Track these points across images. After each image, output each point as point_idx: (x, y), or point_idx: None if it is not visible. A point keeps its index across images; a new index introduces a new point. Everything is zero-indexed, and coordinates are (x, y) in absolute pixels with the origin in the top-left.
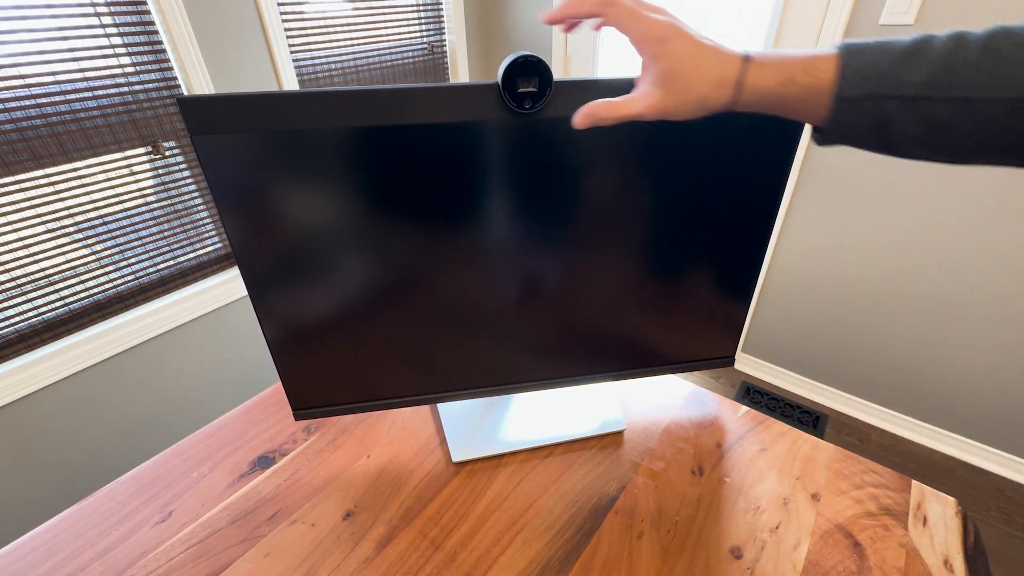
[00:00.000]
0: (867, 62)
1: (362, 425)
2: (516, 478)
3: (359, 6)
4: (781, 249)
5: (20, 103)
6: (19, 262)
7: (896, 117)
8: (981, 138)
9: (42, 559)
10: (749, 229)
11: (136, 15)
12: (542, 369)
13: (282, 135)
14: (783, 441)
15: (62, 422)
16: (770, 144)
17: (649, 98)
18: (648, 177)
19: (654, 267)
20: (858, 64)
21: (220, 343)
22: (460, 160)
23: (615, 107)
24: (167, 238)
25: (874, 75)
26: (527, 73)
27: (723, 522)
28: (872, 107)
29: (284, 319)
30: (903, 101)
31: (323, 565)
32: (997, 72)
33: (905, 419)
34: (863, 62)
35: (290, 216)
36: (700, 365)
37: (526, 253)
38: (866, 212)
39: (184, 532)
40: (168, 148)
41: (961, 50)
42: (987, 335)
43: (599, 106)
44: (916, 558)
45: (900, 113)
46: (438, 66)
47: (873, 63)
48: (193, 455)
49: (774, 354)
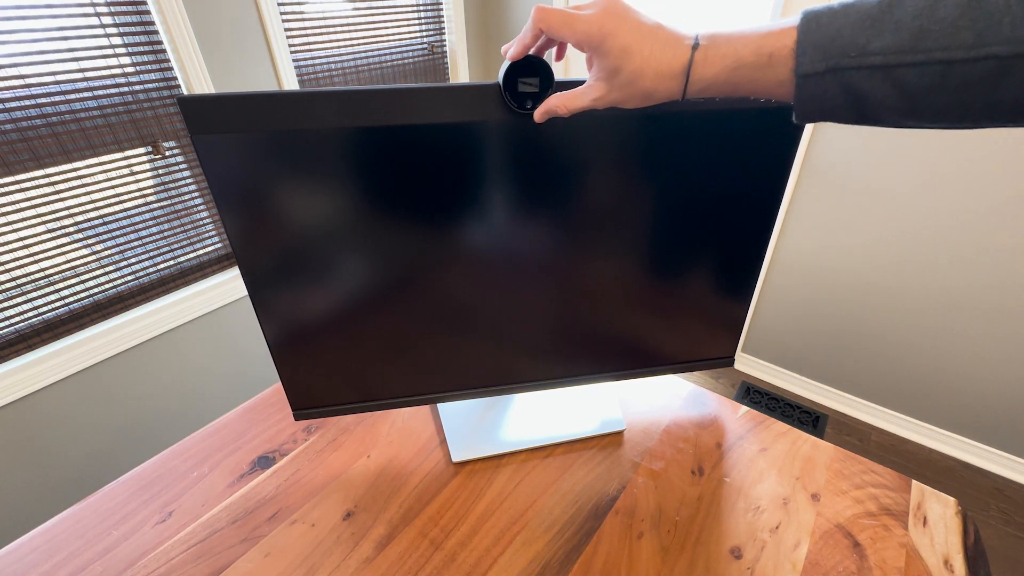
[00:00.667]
0: (828, 33)
1: (362, 425)
2: (516, 478)
3: (359, 6)
4: (781, 249)
5: (20, 103)
6: (19, 262)
7: (866, 88)
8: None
9: (42, 559)
10: (749, 229)
11: (136, 15)
12: (542, 369)
13: (282, 135)
14: (783, 441)
15: (62, 422)
16: (770, 144)
17: (596, 91)
18: (648, 177)
19: (654, 267)
20: (817, 36)
21: (220, 343)
22: (461, 160)
23: (567, 100)
24: (167, 238)
25: (835, 46)
26: (528, 73)
27: (723, 522)
28: (835, 80)
29: (284, 319)
30: (871, 71)
31: (323, 565)
32: (980, 28)
33: (905, 419)
34: (823, 33)
35: (290, 216)
36: (700, 365)
37: (526, 253)
38: (866, 212)
39: (184, 532)
40: (168, 148)
41: (940, 5)
42: (987, 335)
43: (553, 100)
44: (916, 558)
45: (869, 84)
46: (438, 66)
47: (834, 32)
48: (193, 455)
49: (774, 354)
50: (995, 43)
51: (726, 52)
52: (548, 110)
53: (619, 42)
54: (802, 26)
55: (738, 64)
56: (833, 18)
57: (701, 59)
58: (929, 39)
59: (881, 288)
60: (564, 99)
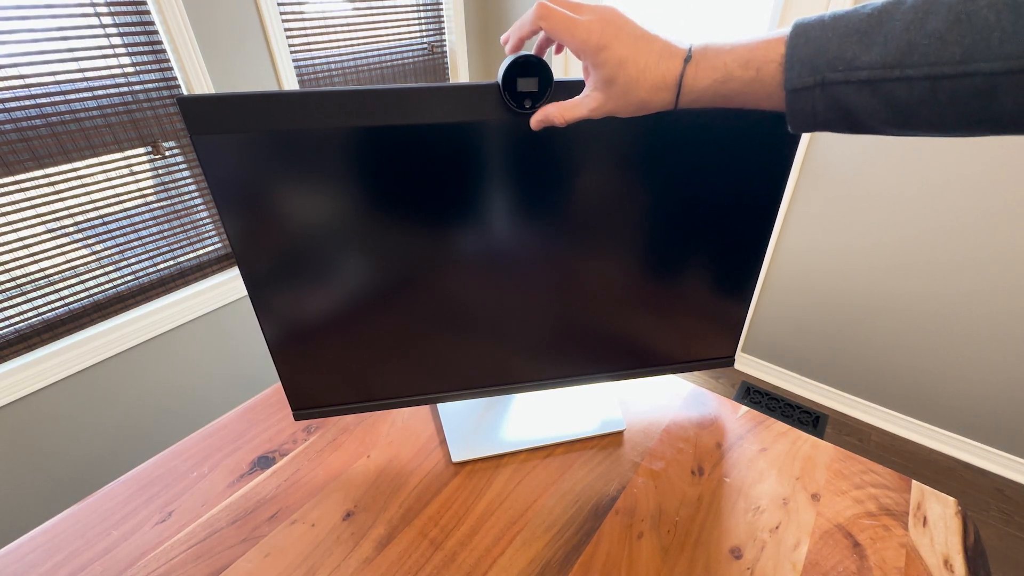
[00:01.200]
0: (815, 47)
1: (362, 425)
2: (516, 478)
3: (359, 6)
4: (781, 249)
5: (20, 103)
6: (19, 262)
7: (855, 102)
8: (953, 115)
9: (42, 559)
10: (749, 229)
11: (136, 15)
12: (542, 369)
13: (282, 135)
14: (783, 441)
15: (62, 422)
16: (770, 144)
17: (593, 101)
18: (648, 177)
19: (654, 267)
20: (804, 51)
21: (220, 343)
22: (460, 160)
23: (564, 110)
24: (167, 238)
25: (822, 61)
26: (527, 73)
27: (723, 522)
28: (823, 95)
29: (284, 319)
30: (858, 85)
31: (323, 565)
32: (967, 43)
33: (905, 419)
34: (811, 48)
35: (290, 216)
36: (700, 365)
37: (526, 253)
38: (866, 212)
39: (184, 532)
40: (168, 148)
41: (930, 19)
42: (987, 335)
43: (550, 109)
44: (916, 558)
45: (858, 98)
46: (438, 66)
47: (822, 47)
48: (193, 455)
49: (774, 354)
50: (983, 59)
51: (715, 64)
52: (544, 119)
53: (616, 54)
54: (790, 40)
55: (727, 78)
56: (823, 30)
57: (692, 73)
58: (916, 54)
59: (881, 288)
60: (561, 109)
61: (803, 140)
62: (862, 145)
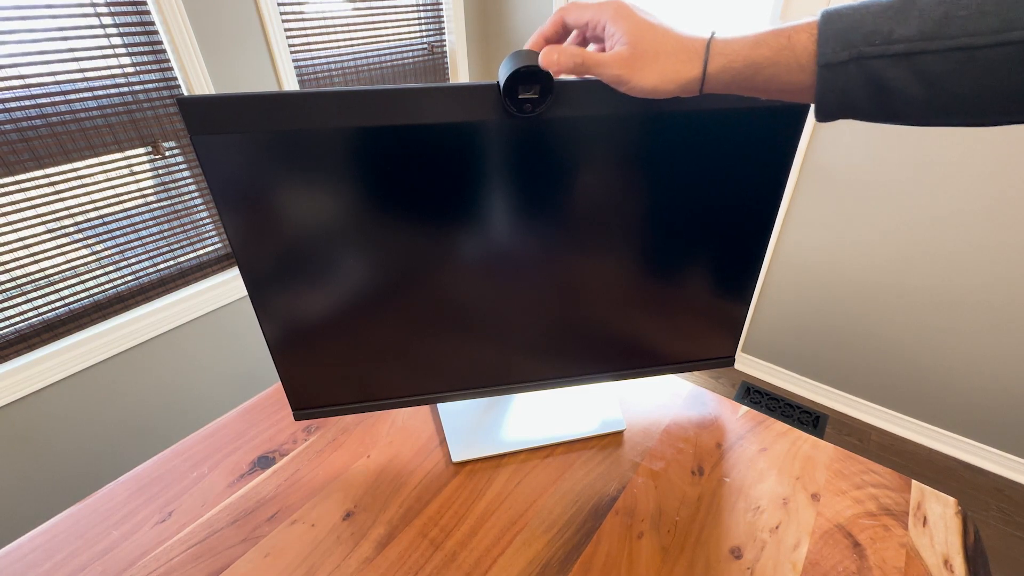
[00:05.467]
0: (849, 23)
1: (362, 425)
2: (516, 478)
3: (359, 6)
4: (781, 249)
5: (20, 103)
6: (19, 262)
7: (890, 78)
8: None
9: (42, 559)
10: (749, 229)
11: (136, 15)
12: (542, 369)
13: (282, 135)
14: (783, 441)
15: (62, 422)
16: (770, 144)
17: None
18: (648, 177)
19: (654, 267)
20: (839, 26)
21: (220, 343)
22: (460, 160)
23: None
24: (167, 238)
25: (858, 35)
26: (528, 81)
27: (723, 522)
28: (859, 71)
29: (284, 319)
30: (895, 59)
31: (323, 565)
32: (1006, 11)
33: (905, 419)
34: (845, 23)
35: (290, 216)
36: (700, 365)
37: (526, 253)
38: (866, 212)
39: (184, 532)
40: (168, 148)
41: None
42: (987, 335)
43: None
44: (916, 558)
45: (893, 73)
46: (438, 66)
47: (856, 22)
48: (193, 455)
49: (774, 354)
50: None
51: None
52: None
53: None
54: (823, 20)
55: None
56: (855, 10)
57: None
58: (954, 25)
59: (881, 288)
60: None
61: (803, 140)
62: (863, 143)
